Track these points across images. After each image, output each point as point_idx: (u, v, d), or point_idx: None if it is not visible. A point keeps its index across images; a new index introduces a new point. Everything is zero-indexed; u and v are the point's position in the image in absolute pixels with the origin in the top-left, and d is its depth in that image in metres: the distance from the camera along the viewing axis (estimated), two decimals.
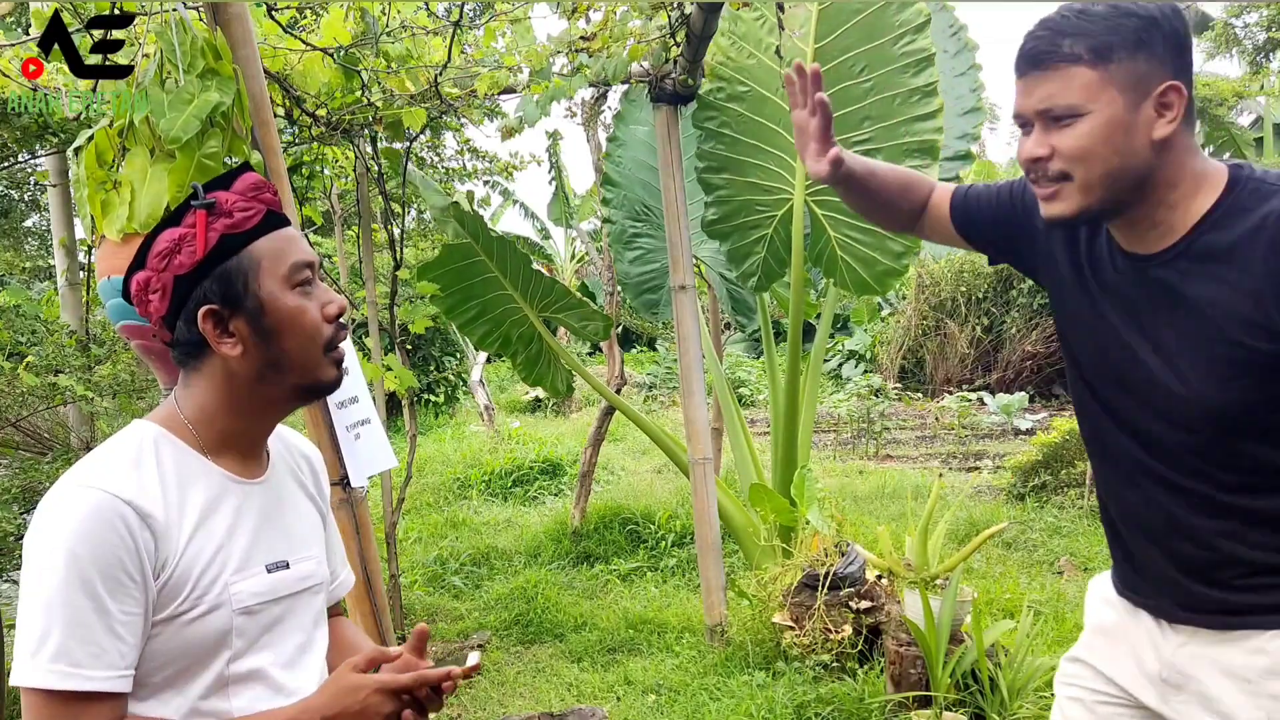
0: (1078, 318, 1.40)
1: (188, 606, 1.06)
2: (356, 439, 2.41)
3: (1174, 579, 1.33)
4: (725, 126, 4.11)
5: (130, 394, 3.19)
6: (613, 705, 3.41)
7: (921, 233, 1.68)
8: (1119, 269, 1.33)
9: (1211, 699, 1.30)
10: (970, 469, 7.33)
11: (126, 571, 1.00)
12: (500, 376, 13.52)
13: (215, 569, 1.08)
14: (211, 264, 1.10)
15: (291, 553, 1.19)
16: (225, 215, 1.10)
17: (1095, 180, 1.23)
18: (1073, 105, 1.20)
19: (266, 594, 1.13)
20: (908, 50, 3.66)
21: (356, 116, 3.32)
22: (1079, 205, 1.25)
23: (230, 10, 1.93)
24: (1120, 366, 1.33)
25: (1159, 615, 1.38)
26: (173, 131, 1.69)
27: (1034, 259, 1.49)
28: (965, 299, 11.18)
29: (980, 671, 2.97)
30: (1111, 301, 1.34)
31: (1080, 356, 1.40)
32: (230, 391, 1.13)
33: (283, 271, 1.12)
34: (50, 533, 1.00)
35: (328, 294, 1.17)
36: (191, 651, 1.07)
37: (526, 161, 5.77)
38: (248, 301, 1.10)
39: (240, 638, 1.10)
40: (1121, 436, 1.36)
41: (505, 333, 4.79)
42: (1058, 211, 1.28)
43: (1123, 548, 1.43)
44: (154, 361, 1.83)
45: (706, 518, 3.88)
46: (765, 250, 4.30)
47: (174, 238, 1.10)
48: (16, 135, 3.00)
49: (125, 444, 1.10)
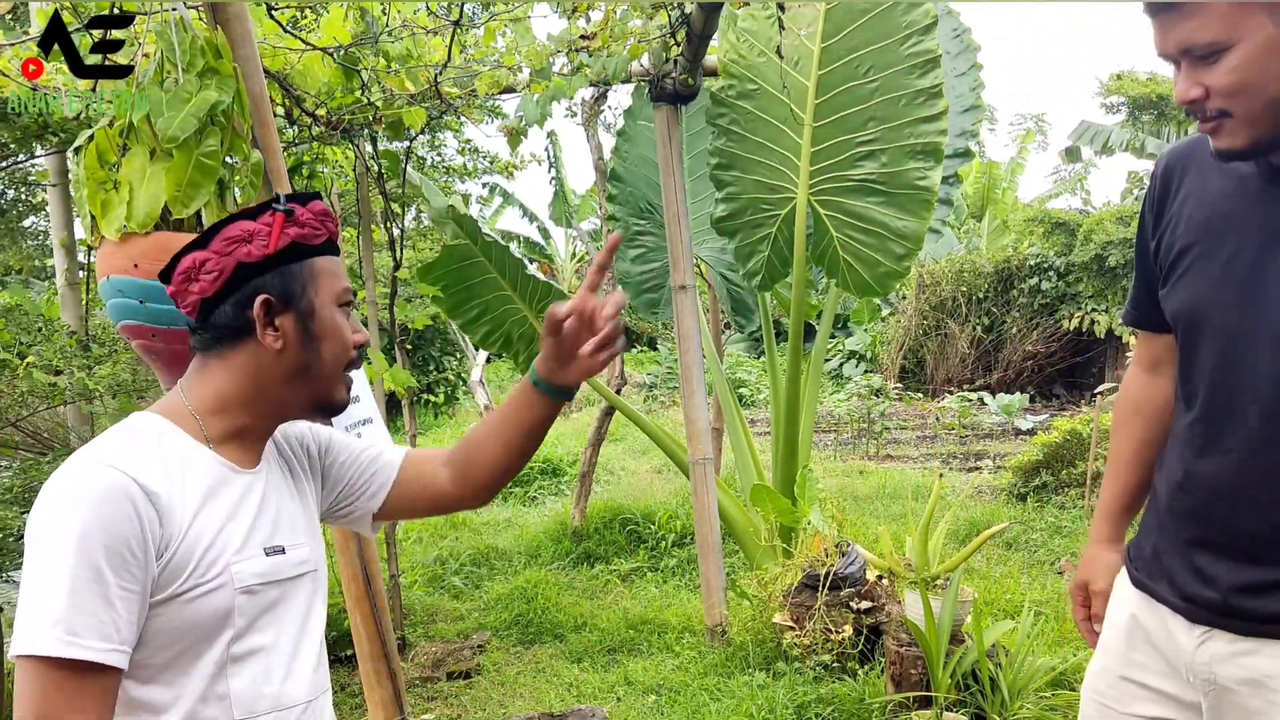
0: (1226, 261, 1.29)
1: (190, 585, 1.08)
2: (358, 439, 2.41)
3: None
4: (735, 124, 4.12)
5: (130, 394, 3.18)
6: (613, 705, 3.41)
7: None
8: (1267, 185, 1.24)
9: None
10: (971, 469, 7.33)
11: (130, 548, 1.02)
12: (500, 376, 13.52)
13: (216, 550, 1.10)
14: (277, 261, 1.16)
15: (285, 539, 1.22)
16: (299, 225, 1.18)
17: (1258, 112, 1.15)
18: (1215, 41, 1.12)
19: (266, 574, 1.16)
20: (914, 51, 3.65)
21: (356, 116, 3.31)
22: (1247, 139, 1.18)
23: (230, 10, 1.93)
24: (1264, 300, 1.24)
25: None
26: (170, 130, 1.69)
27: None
28: (966, 299, 11.18)
29: (981, 672, 2.96)
30: (1249, 226, 1.26)
31: (1213, 310, 1.30)
32: (252, 384, 1.17)
33: (335, 290, 1.21)
34: (58, 506, 1.02)
35: (357, 324, 1.25)
36: (194, 631, 1.09)
37: (526, 161, 5.77)
38: (302, 303, 1.17)
39: (242, 616, 1.12)
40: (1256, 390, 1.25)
41: (506, 332, 4.79)
42: (1226, 145, 1.20)
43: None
44: (155, 361, 1.83)
45: (707, 518, 3.88)
46: (769, 249, 4.30)
47: (248, 230, 1.16)
48: (16, 135, 3.00)
49: (130, 429, 1.13)
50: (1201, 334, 1.31)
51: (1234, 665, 1.28)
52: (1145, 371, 1.53)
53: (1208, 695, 1.32)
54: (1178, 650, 1.35)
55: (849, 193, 3.98)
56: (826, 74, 3.81)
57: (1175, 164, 1.39)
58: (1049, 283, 10.60)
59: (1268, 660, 1.25)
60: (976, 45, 4.79)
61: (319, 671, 1.26)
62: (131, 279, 1.70)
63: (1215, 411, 1.31)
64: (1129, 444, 1.53)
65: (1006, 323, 10.83)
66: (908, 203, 3.86)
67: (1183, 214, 1.35)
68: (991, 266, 11.10)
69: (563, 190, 14.10)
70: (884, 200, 3.91)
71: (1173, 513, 1.38)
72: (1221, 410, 1.30)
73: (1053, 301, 10.65)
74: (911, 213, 3.87)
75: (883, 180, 3.87)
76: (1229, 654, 1.29)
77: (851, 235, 4.05)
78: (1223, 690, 1.29)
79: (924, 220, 3.86)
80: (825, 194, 4.03)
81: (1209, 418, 1.31)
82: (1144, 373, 1.53)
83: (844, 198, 4.00)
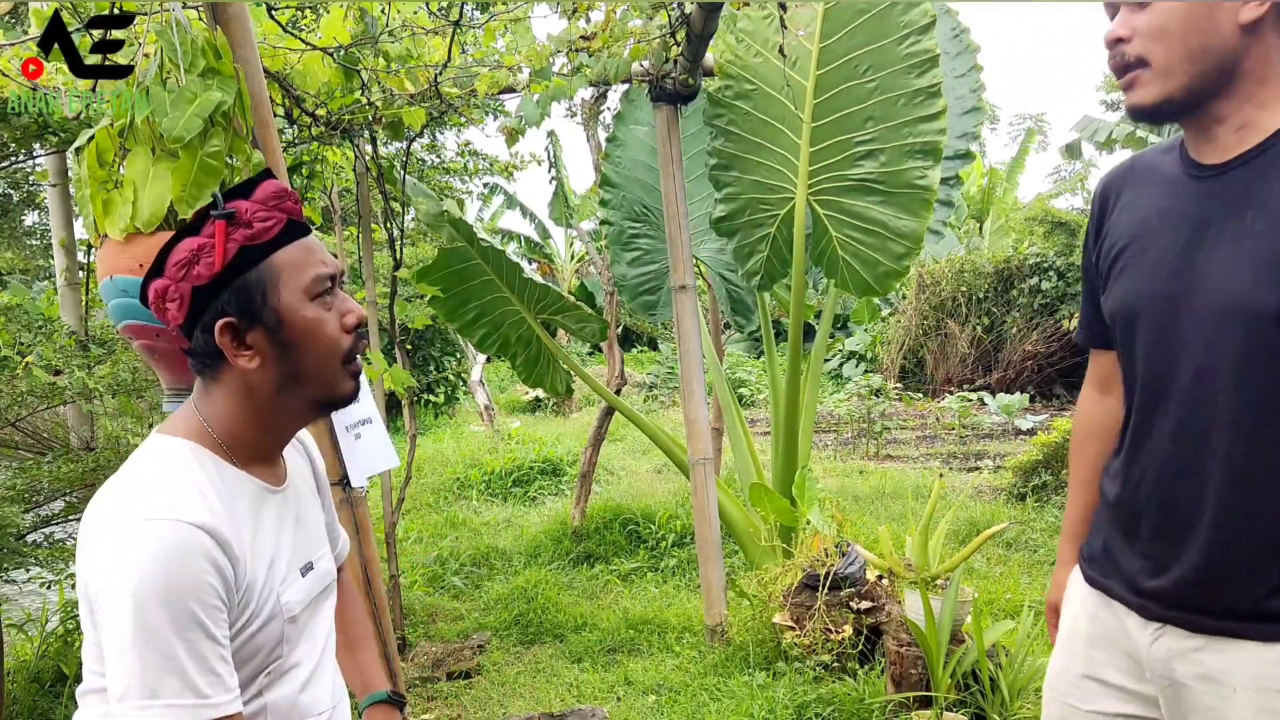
0: (1156, 258, 1.32)
1: (249, 619, 1.06)
2: (357, 439, 2.41)
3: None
4: (733, 124, 4.13)
5: (130, 394, 3.18)
6: (613, 706, 3.41)
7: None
8: (1193, 181, 1.27)
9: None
10: (971, 469, 7.33)
11: (219, 597, 1.00)
12: (500, 376, 13.52)
13: (270, 580, 1.09)
14: (230, 276, 1.07)
15: (312, 553, 1.22)
16: (245, 225, 1.07)
17: (1175, 62, 1.18)
18: None
19: (304, 598, 1.16)
20: (912, 51, 3.65)
21: (356, 116, 3.31)
22: (1160, 92, 1.21)
23: (230, 10, 1.93)
24: (1187, 287, 1.26)
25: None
26: (175, 131, 1.69)
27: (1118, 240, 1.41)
28: (966, 299, 11.18)
29: (981, 672, 2.97)
30: (1178, 222, 1.28)
31: (1140, 298, 1.33)
32: (249, 403, 1.11)
33: (303, 283, 1.09)
34: (138, 577, 0.96)
35: (347, 303, 1.14)
36: (248, 663, 1.09)
37: (526, 161, 5.77)
38: (265, 315, 1.07)
39: (287, 644, 1.13)
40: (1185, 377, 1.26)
41: (504, 334, 4.79)
42: (1139, 99, 1.23)
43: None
44: (156, 361, 1.83)
45: (707, 518, 3.88)
46: (769, 249, 4.30)
47: (192, 247, 1.07)
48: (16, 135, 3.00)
49: (166, 463, 1.07)
50: (1137, 328, 1.33)
51: (1188, 661, 1.29)
52: (1097, 391, 1.55)
53: (1164, 691, 1.33)
54: (1135, 646, 1.36)
55: (848, 192, 3.98)
56: (825, 74, 3.81)
57: (1112, 183, 1.45)
58: (1049, 283, 10.60)
59: (1218, 657, 1.26)
60: (976, 46, 4.79)
61: (338, 677, 1.28)
62: (136, 279, 1.70)
63: (1148, 400, 1.33)
64: (1086, 466, 1.56)
65: (1006, 323, 10.82)
66: (907, 202, 3.87)
67: (1120, 223, 1.39)
68: (991, 266, 11.10)
69: (562, 190, 14.09)
70: (883, 200, 3.91)
71: (1118, 507, 1.40)
72: (1154, 399, 1.32)
73: (1053, 301, 10.65)
74: (911, 212, 3.88)
75: (882, 180, 3.87)
76: (1183, 650, 1.30)
77: (851, 235, 4.05)
78: (1179, 686, 1.30)
79: (923, 220, 3.86)
80: (824, 194, 4.03)
81: (1143, 407, 1.34)
82: (1096, 392, 1.56)
83: (843, 197, 4.00)
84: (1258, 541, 1.22)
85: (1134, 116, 1.26)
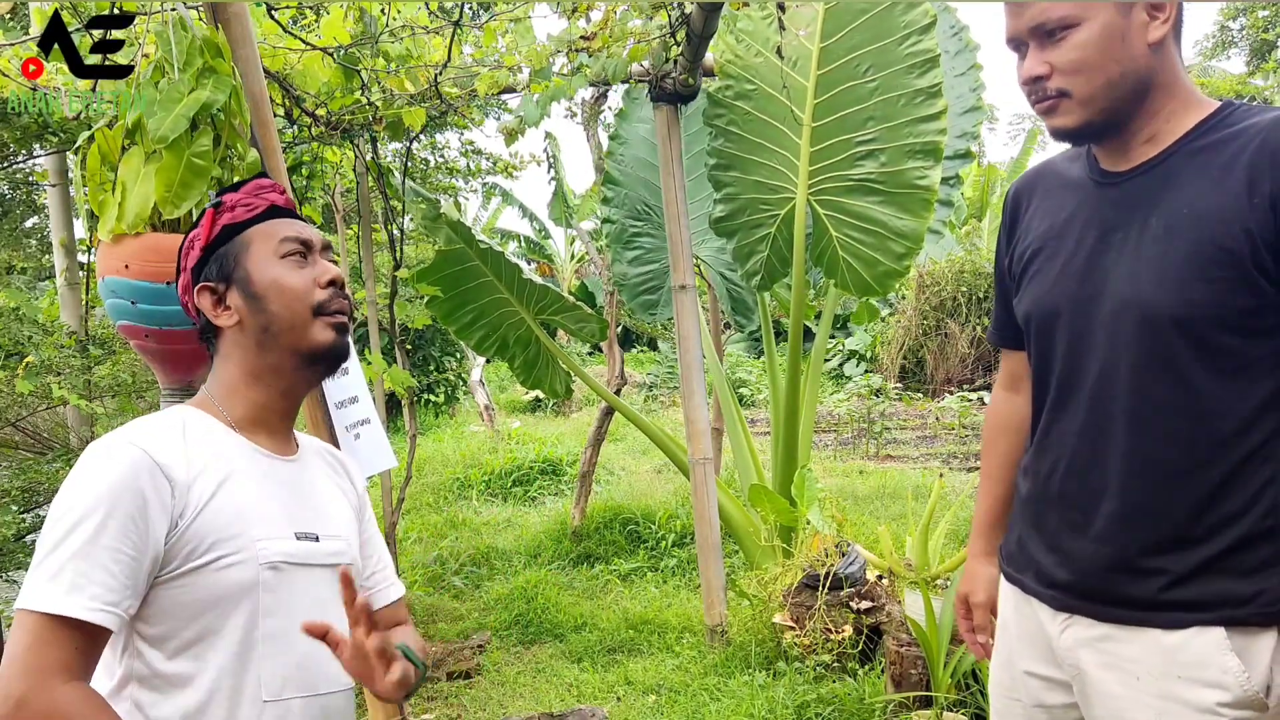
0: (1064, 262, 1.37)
1: (213, 557, 1.11)
2: (356, 439, 2.41)
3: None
4: (733, 124, 4.12)
5: (130, 394, 3.18)
6: (613, 706, 3.41)
7: None
8: (1099, 188, 1.33)
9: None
10: (971, 469, 7.33)
11: (133, 516, 1.06)
12: (500, 376, 13.52)
13: (241, 525, 1.14)
14: (212, 250, 1.24)
15: (321, 528, 1.24)
16: (229, 210, 1.24)
17: (1097, 91, 1.22)
18: (1065, 16, 1.20)
19: (295, 556, 1.18)
20: (913, 51, 3.65)
21: (356, 116, 3.31)
22: (1081, 118, 1.25)
23: (230, 10, 1.93)
24: (1090, 287, 1.31)
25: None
26: (160, 130, 1.68)
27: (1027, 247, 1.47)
28: (966, 299, 11.18)
29: (981, 672, 2.96)
30: (1086, 228, 1.33)
31: (1044, 302, 1.38)
32: (242, 362, 1.23)
33: (272, 246, 1.23)
34: (76, 476, 1.09)
35: (326, 266, 1.26)
36: (219, 603, 1.12)
37: (526, 161, 5.77)
38: (237, 274, 1.22)
39: (267, 593, 1.14)
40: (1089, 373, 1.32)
41: (503, 336, 4.79)
42: (1060, 124, 1.27)
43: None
44: (152, 361, 1.83)
45: (707, 518, 3.88)
46: (769, 249, 4.30)
47: (192, 237, 1.26)
48: (16, 135, 3.00)
49: (158, 416, 1.21)
50: (1049, 329, 1.38)
51: (1094, 650, 1.32)
52: (1006, 390, 1.61)
53: (1075, 679, 1.36)
54: (1049, 638, 1.39)
55: (848, 192, 3.98)
56: (825, 74, 3.81)
57: (1023, 189, 1.50)
58: None
59: (1122, 645, 1.29)
60: (975, 45, 4.78)
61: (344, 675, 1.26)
62: (123, 279, 1.70)
63: (1058, 399, 1.37)
64: (996, 460, 1.61)
65: None
66: (907, 202, 3.86)
67: (1031, 228, 1.44)
68: (991, 266, 11.10)
69: (562, 190, 14.08)
70: (883, 200, 3.91)
71: (1029, 502, 1.44)
72: (1062, 397, 1.36)
73: None
74: (911, 212, 3.87)
75: (882, 180, 3.87)
76: (1089, 639, 1.33)
77: (851, 235, 4.05)
78: (1086, 674, 1.33)
79: (923, 219, 3.86)
80: (824, 194, 4.03)
81: (1053, 406, 1.38)
82: (1006, 391, 1.61)
83: (843, 197, 4.00)
84: (1156, 534, 1.26)
85: (1057, 138, 1.31)
